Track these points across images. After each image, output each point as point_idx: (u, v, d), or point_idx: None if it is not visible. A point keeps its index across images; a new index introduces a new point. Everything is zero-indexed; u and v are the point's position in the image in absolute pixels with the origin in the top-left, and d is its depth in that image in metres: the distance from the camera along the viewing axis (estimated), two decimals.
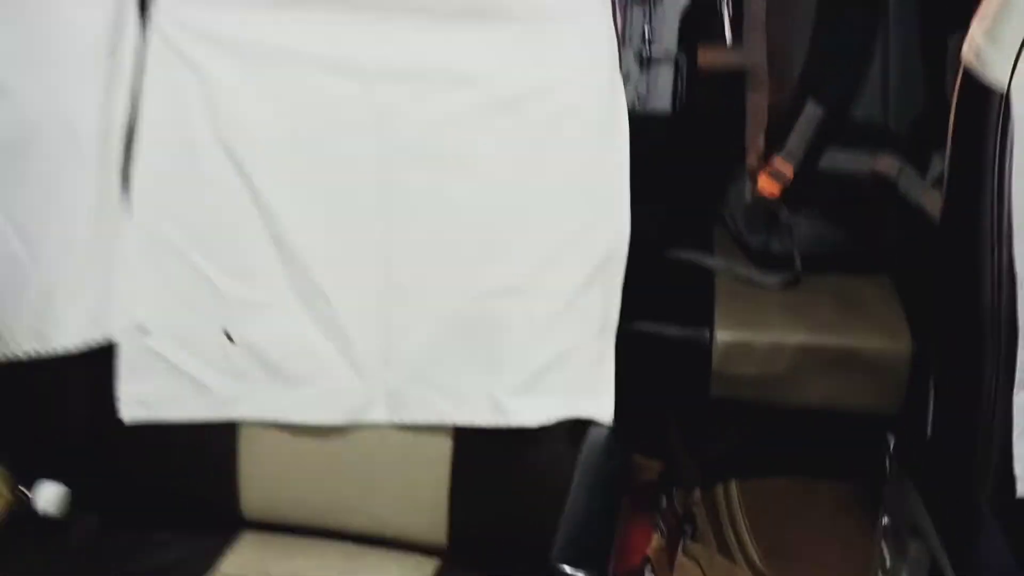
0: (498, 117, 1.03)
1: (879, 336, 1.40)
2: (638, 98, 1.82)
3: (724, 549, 1.54)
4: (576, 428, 1.02)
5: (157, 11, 1.03)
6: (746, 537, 1.53)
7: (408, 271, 1.05)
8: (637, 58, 1.94)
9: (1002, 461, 0.99)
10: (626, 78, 1.22)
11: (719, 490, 1.64)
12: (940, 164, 1.18)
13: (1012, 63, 0.95)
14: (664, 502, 1.63)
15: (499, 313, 1.05)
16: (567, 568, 0.85)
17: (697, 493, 1.66)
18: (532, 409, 1.03)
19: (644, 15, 2.15)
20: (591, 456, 0.99)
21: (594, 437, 1.00)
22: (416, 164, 1.05)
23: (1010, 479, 0.99)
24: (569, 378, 1.03)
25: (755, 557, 1.50)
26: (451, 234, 1.04)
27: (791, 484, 1.61)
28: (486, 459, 1.07)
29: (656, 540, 1.54)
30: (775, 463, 1.63)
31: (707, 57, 1.62)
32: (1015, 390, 0.98)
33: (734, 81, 1.58)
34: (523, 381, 1.03)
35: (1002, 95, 0.96)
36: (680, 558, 1.53)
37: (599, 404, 1.02)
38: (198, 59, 1.03)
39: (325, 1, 1.02)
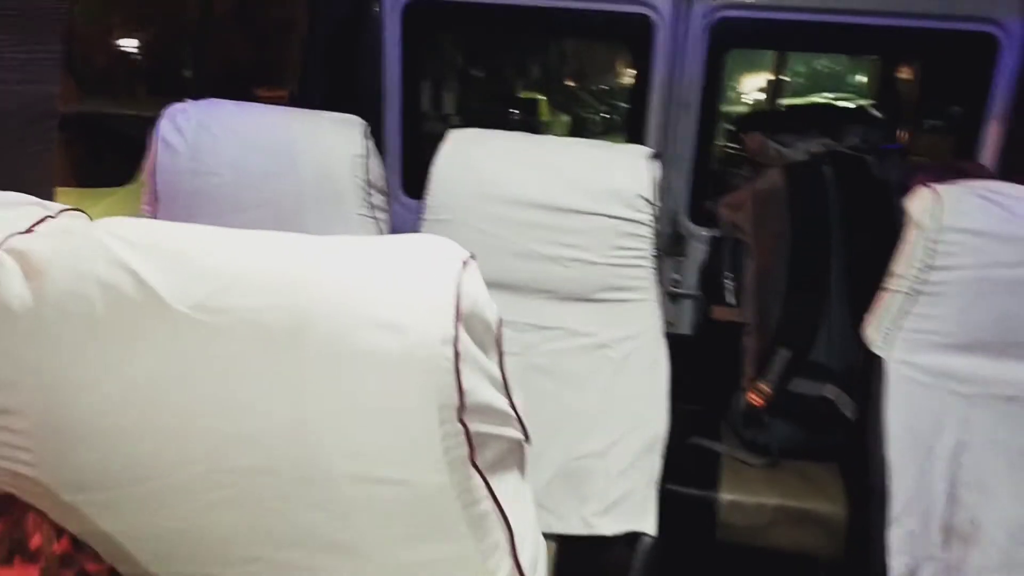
0: (595, 354, 1.84)
1: (827, 502, 2.12)
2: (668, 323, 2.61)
3: None
4: (632, 537, 1.74)
5: None
6: None
7: (539, 439, 1.82)
8: (668, 295, 2.75)
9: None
10: None
11: None
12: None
13: (885, 337, 1.74)
14: None
15: (590, 468, 1.80)
16: None
17: None
18: (608, 525, 1.76)
19: (673, 266, 3.01)
20: (642, 553, 1.72)
21: (645, 542, 1.73)
22: (546, 378, 1.85)
23: None
24: (629, 508, 1.77)
25: None
26: (567, 420, 1.81)
27: None
28: (578, 556, 1.78)
29: None
30: None
31: (717, 312, 2.42)
32: (888, 527, 1.70)
33: (734, 328, 2.38)
34: (603, 508, 1.77)
35: (881, 360, 1.74)
36: None
37: (648, 524, 1.75)
38: None
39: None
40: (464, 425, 0.76)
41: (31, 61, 1.63)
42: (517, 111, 8.56)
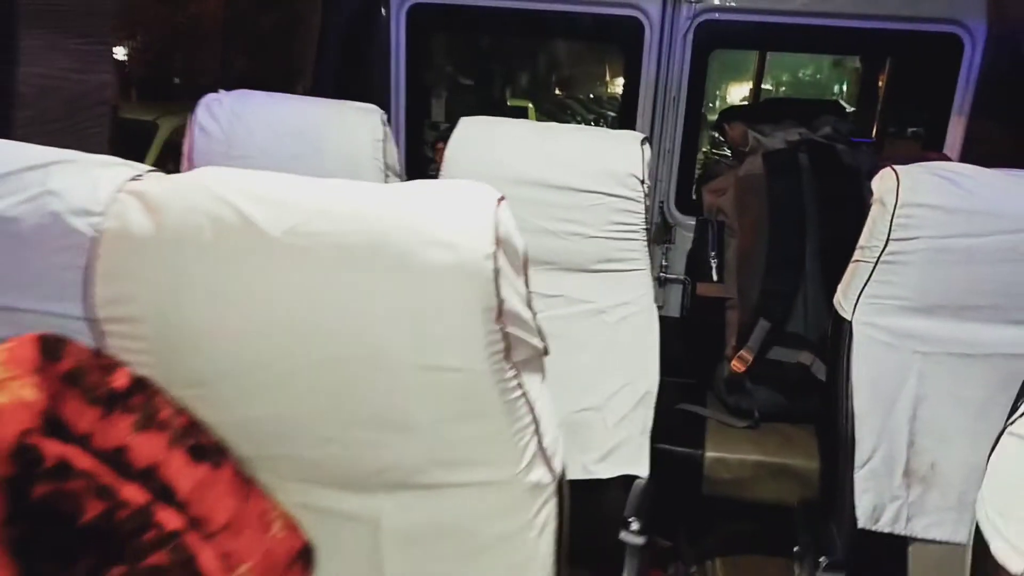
0: (592, 319, 2.04)
1: (803, 458, 2.32)
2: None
3: None
4: (628, 480, 1.94)
5: None
6: None
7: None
8: (656, 280, 2.95)
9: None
10: None
11: (707, 564, 2.50)
12: None
13: (853, 304, 1.94)
14: (672, 569, 2.50)
15: (589, 421, 2.00)
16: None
17: (693, 568, 2.52)
18: (605, 470, 1.95)
19: (662, 252, 3.21)
20: (636, 493, 1.91)
21: (639, 484, 1.92)
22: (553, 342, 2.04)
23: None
24: (624, 455, 1.97)
25: None
26: (568, 378, 2.01)
27: (750, 560, 2.48)
28: (579, 498, 1.97)
29: None
30: (742, 546, 2.50)
31: (702, 288, 2.63)
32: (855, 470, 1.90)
33: (718, 303, 2.59)
34: (601, 456, 1.97)
35: (849, 323, 1.95)
36: None
37: (641, 468, 1.94)
38: None
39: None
40: (501, 326, 0.96)
41: (85, 52, 1.83)
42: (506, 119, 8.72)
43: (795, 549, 1.97)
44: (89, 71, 1.82)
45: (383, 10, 3.20)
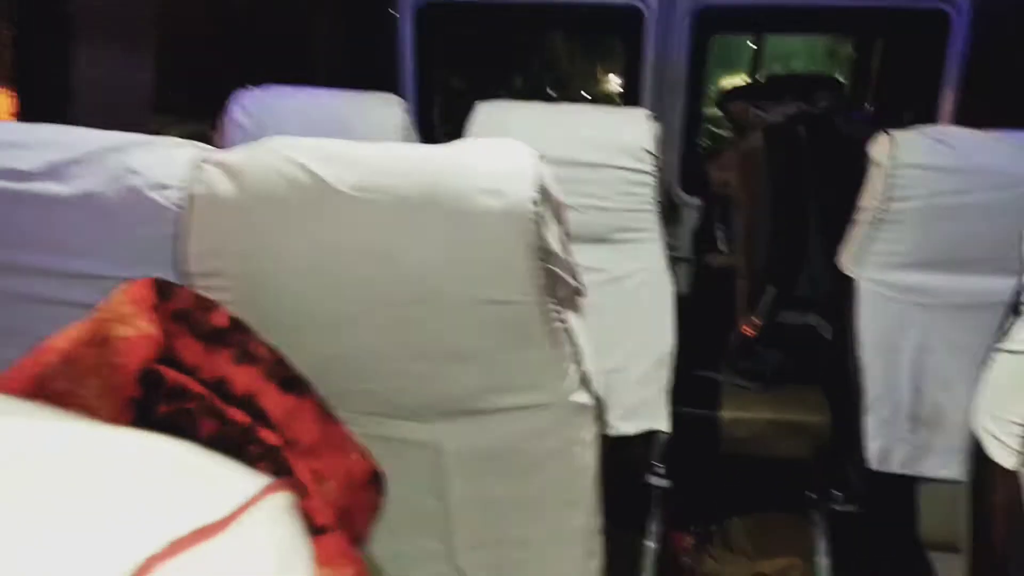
0: (610, 287, 2.16)
1: (813, 414, 2.45)
2: None
3: (728, 548, 2.52)
4: (648, 437, 2.06)
5: None
6: (743, 542, 2.52)
7: None
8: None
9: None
10: None
11: (726, 523, 2.63)
12: None
13: (857, 262, 2.06)
14: (692, 528, 2.62)
15: (611, 381, 2.11)
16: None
17: (713, 527, 2.65)
18: (628, 426, 2.08)
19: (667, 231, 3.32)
20: (658, 446, 2.04)
21: (660, 438, 2.05)
22: None
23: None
24: (646, 411, 2.09)
25: (747, 550, 2.48)
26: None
27: (768, 516, 2.61)
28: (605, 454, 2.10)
29: (690, 542, 2.53)
30: (759, 503, 2.63)
31: (711, 259, 2.76)
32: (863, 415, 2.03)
33: (728, 273, 2.72)
34: (623, 413, 2.09)
35: (853, 281, 2.07)
36: (705, 555, 2.51)
37: (662, 423, 2.07)
38: None
39: None
40: (543, 263, 1.08)
41: (130, 58, 1.97)
42: None
43: (811, 496, 2.09)
44: (133, 72, 1.95)
45: (392, 9, 3.33)
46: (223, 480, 0.36)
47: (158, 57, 2.01)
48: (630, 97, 3.36)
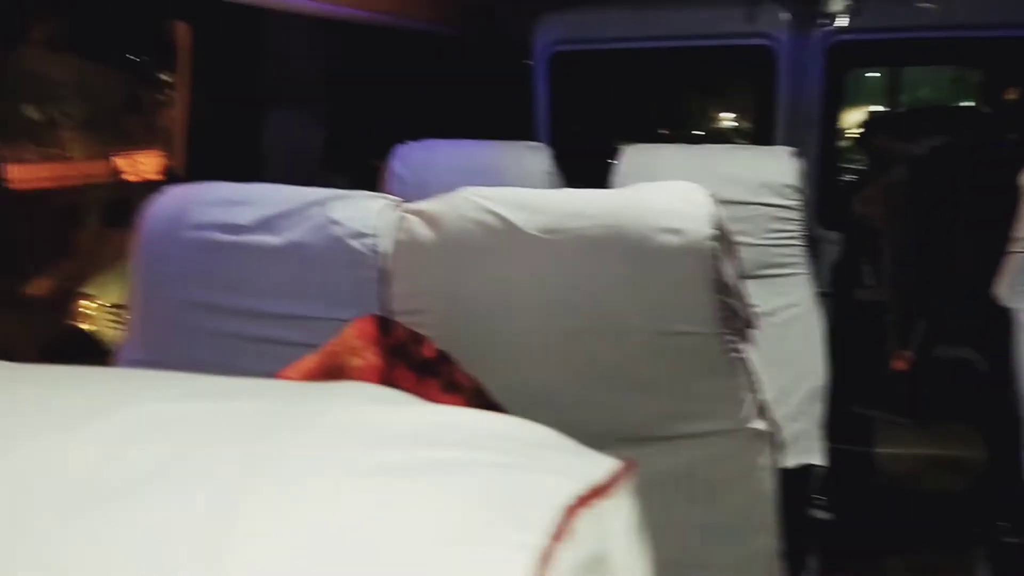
0: (764, 321, 2.19)
1: (969, 450, 2.39)
2: None
3: None
4: (804, 471, 2.07)
5: None
6: None
7: None
8: None
9: None
10: None
11: (886, 561, 2.58)
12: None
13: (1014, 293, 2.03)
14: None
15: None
16: None
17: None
18: (786, 460, 2.09)
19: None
20: (816, 480, 2.04)
21: (818, 471, 2.05)
22: None
23: None
24: (802, 445, 2.09)
25: None
26: None
27: (926, 554, 2.54)
28: None
29: None
30: (918, 539, 2.56)
31: (858, 293, 2.74)
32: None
33: (875, 307, 2.69)
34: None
35: (1011, 312, 2.04)
36: None
37: (818, 456, 2.07)
38: None
39: None
40: (720, 296, 1.15)
41: (309, 117, 2.16)
42: None
43: (976, 530, 2.05)
44: (308, 132, 2.14)
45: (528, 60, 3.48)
46: (587, 454, 0.44)
47: (328, 118, 2.19)
48: (761, 134, 3.38)
